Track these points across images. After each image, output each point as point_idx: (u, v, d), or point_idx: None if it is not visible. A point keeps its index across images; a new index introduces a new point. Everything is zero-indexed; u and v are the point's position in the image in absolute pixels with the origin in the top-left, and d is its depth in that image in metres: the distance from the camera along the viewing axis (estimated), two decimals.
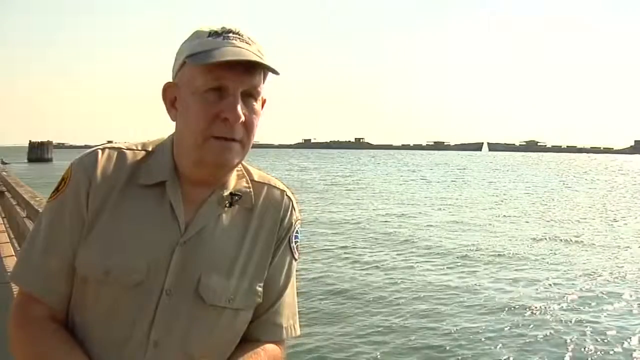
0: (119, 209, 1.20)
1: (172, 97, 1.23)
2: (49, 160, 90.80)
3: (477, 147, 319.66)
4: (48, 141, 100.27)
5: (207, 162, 1.19)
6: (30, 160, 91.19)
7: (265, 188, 1.32)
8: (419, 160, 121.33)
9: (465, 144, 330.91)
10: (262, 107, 1.23)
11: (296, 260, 1.34)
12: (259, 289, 1.27)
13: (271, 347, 1.29)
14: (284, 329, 1.32)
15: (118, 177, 1.22)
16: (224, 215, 1.25)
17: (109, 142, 1.46)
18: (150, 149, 1.28)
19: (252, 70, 1.17)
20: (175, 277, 1.19)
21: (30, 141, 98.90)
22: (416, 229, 21.33)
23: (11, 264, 7.13)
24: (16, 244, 8.59)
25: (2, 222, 11.79)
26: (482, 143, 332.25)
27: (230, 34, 1.18)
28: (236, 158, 1.20)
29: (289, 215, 1.33)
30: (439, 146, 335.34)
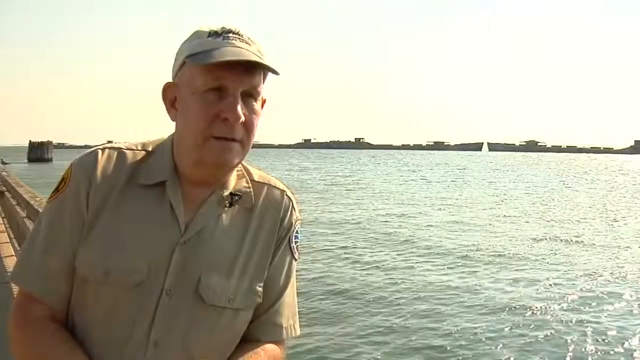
0: (119, 209, 1.20)
1: (172, 97, 1.23)
2: (49, 160, 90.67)
3: (477, 147, 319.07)
4: (48, 141, 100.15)
5: (207, 162, 1.19)
6: (30, 160, 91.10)
7: (265, 188, 1.32)
8: (419, 160, 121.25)
9: (465, 144, 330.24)
10: (262, 107, 1.23)
11: (296, 260, 1.34)
12: (259, 289, 1.27)
13: (271, 347, 1.29)
14: (284, 329, 1.32)
15: (118, 177, 1.22)
16: (224, 215, 1.25)
17: (109, 142, 1.45)
18: (150, 149, 1.28)
19: (252, 71, 1.17)
20: (175, 277, 1.19)
21: (30, 141, 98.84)
22: (416, 229, 21.31)
23: (11, 264, 7.13)
24: (16, 244, 8.60)
25: (2, 222, 11.79)
26: (482, 143, 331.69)
27: (230, 34, 1.18)
28: (236, 158, 1.20)
29: (289, 215, 1.33)
30: (439, 146, 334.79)
